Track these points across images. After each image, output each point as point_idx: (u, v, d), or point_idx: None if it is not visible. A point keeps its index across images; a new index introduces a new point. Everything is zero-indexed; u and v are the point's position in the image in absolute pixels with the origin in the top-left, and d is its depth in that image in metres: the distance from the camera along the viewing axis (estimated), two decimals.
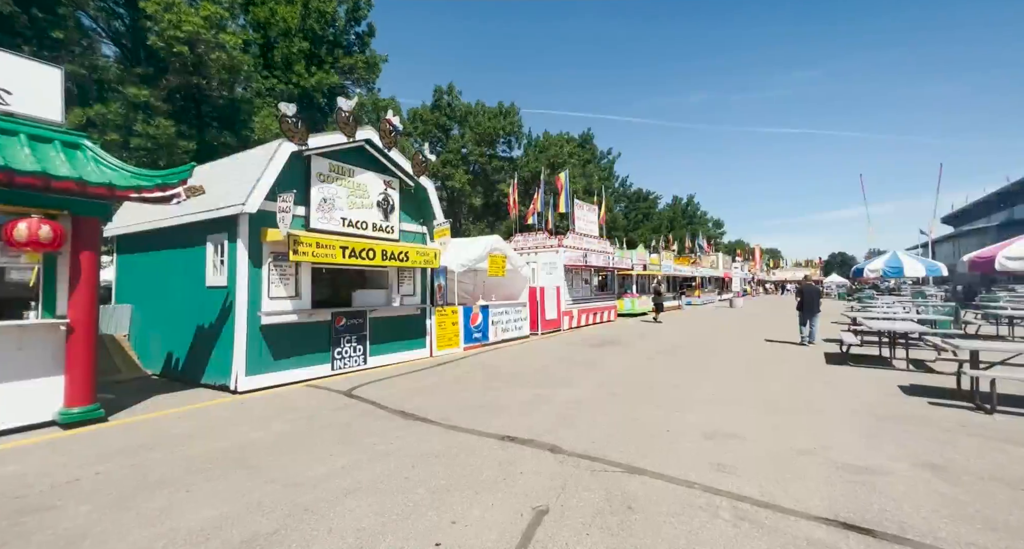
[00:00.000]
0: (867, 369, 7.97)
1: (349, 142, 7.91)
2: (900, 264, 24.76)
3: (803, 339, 11.21)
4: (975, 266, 17.26)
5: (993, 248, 16.99)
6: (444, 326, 10.17)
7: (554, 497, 3.24)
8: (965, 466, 3.70)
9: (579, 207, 17.69)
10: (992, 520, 2.85)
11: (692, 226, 55.23)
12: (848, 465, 3.73)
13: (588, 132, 45.11)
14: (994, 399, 5.20)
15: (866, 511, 2.97)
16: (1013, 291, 22.42)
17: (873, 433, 4.54)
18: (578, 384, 6.98)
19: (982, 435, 4.44)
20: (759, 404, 5.69)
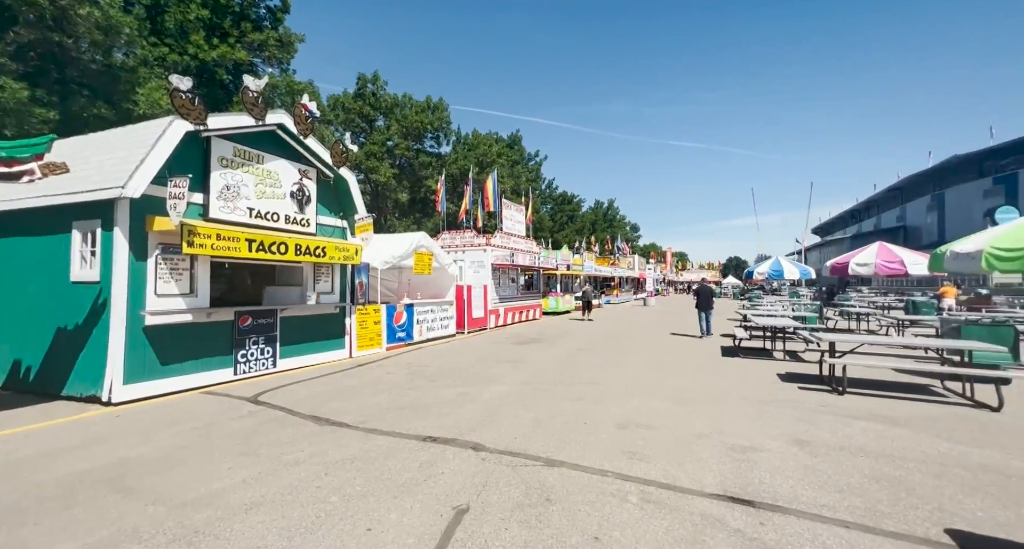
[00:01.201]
0: (754, 360, 9.06)
1: (258, 125, 7.23)
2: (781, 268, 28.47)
3: (702, 333, 12.65)
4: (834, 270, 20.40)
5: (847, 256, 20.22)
6: (365, 325, 9.72)
7: (475, 495, 3.24)
8: (823, 440, 4.36)
9: (507, 207, 17.93)
10: (839, 483, 3.40)
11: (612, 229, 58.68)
12: (736, 446, 4.22)
13: (517, 133, 45.83)
14: (844, 382, 6.21)
15: (748, 484, 3.38)
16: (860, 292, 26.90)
17: (756, 416, 5.17)
18: (503, 381, 7.06)
19: (835, 413, 5.27)
20: (667, 395, 6.21)
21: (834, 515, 2.93)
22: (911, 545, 2.59)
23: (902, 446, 4.19)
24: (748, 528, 2.77)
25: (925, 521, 2.85)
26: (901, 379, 7.02)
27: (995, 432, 4.59)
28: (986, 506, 3.05)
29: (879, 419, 5.03)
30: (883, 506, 3.04)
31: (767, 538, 2.66)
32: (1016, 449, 4.11)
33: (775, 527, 2.78)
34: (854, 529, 2.75)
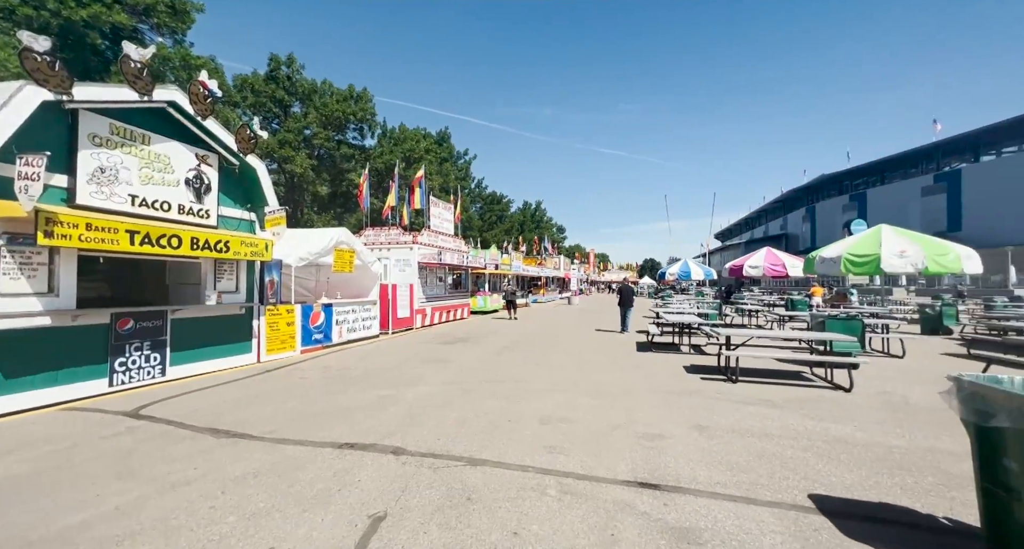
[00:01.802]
0: (664, 354, 9.85)
1: (143, 101, 6.32)
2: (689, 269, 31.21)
3: (623, 328, 13.76)
4: (732, 272, 22.82)
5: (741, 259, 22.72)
6: (277, 327, 8.95)
7: (393, 501, 3.13)
8: (719, 424, 4.86)
9: (435, 205, 17.60)
10: (730, 463, 3.81)
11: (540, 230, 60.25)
12: (646, 434, 4.54)
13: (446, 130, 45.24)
14: (737, 372, 6.99)
15: (655, 469, 3.65)
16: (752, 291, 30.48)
17: (664, 406, 5.62)
18: (428, 382, 6.92)
19: (730, 400, 5.91)
20: (587, 389, 6.51)
21: (725, 491, 3.27)
22: (782, 511, 2.98)
23: (780, 426, 4.81)
24: (654, 510, 3.00)
25: (793, 489, 3.29)
26: (781, 367, 8.05)
27: (847, 409, 5.44)
28: (838, 472, 3.60)
29: (763, 403, 5.72)
30: (763, 479, 3.47)
31: (669, 518, 2.90)
32: (861, 423, 4.91)
33: (676, 507, 3.04)
34: (740, 502, 3.10)
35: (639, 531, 2.74)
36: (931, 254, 13.28)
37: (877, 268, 13.63)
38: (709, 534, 2.70)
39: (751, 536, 2.68)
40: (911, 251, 13.32)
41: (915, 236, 14.28)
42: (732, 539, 2.65)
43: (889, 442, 4.30)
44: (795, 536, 2.68)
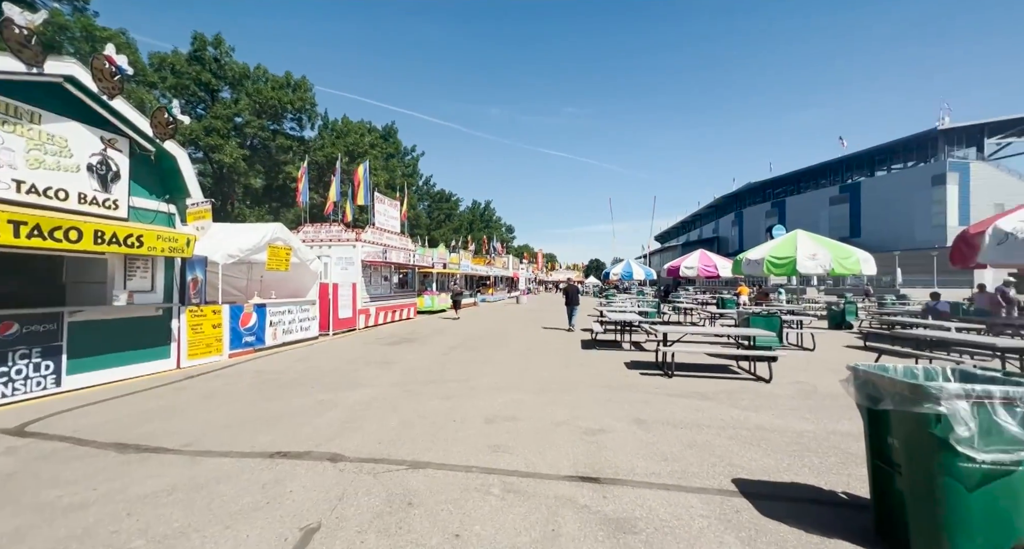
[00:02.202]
0: (607, 351, 10.21)
1: (32, 74, 5.54)
2: (631, 270, 32.58)
3: (570, 327, 14.24)
4: (670, 272, 24.09)
5: (678, 260, 24.06)
6: (200, 330, 8.22)
7: (329, 510, 2.97)
8: (655, 417, 5.12)
9: (380, 201, 17.02)
10: (665, 453, 4.02)
11: (489, 229, 60.30)
12: (589, 429, 4.68)
13: (392, 125, 43.97)
14: (672, 366, 7.40)
15: (596, 463, 3.77)
16: (688, 290, 32.49)
17: (606, 401, 5.82)
18: (370, 384, 6.67)
19: (666, 393, 6.24)
20: (532, 387, 6.58)
21: (659, 480, 3.44)
22: (709, 496, 3.18)
23: (709, 416, 5.15)
24: (593, 503, 3.08)
25: (720, 475, 3.54)
26: (711, 361, 8.63)
27: (767, 398, 5.95)
28: (758, 457, 3.92)
29: (695, 396, 6.10)
30: (694, 467, 3.69)
31: (607, 509, 3.00)
32: (778, 411, 5.38)
33: (614, 498, 3.15)
34: (672, 490, 3.27)
35: (579, 525, 2.81)
36: (837, 257, 14.86)
37: (794, 269, 15.02)
38: (644, 523, 2.82)
39: (681, 521, 2.83)
40: (821, 254, 14.81)
41: (824, 241, 15.91)
42: (664, 526, 2.79)
43: (801, 427, 4.74)
44: (720, 519, 2.87)
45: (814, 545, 2.58)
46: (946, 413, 2.27)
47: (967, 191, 35.62)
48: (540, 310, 25.40)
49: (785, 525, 2.79)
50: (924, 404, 2.33)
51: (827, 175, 49.67)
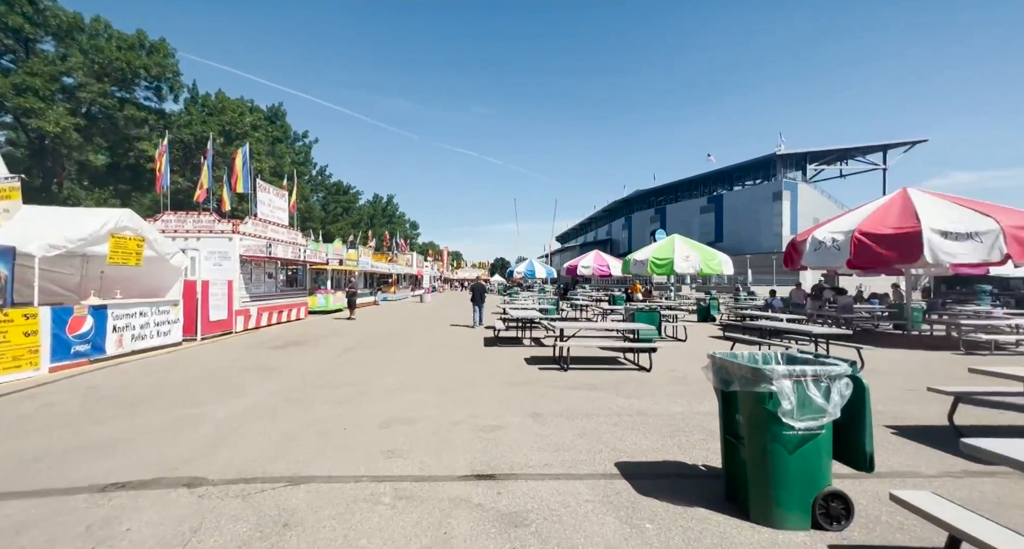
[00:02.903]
0: (509, 347, 10.43)
1: None
2: (534, 268, 33.74)
3: (475, 324, 14.44)
4: (568, 271, 25.45)
5: (576, 260, 25.53)
6: (6, 339, 6.52)
7: (179, 546, 2.54)
8: (551, 410, 5.35)
9: (264, 190, 15.24)
10: (558, 444, 4.22)
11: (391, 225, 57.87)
12: (486, 426, 4.71)
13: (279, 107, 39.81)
14: (568, 361, 7.84)
15: (492, 460, 3.80)
16: (584, 288, 34.82)
17: (505, 397, 5.93)
18: (247, 394, 5.92)
19: (561, 387, 6.57)
20: (432, 387, 6.44)
21: (551, 471, 3.59)
22: (595, 481, 3.41)
23: (599, 406, 5.54)
24: (487, 500, 3.10)
25: (605, 460, 3.82)
26: (603, 354, 9.32)
27: (648, 386, 6.60)
28: (638, 440, 4.32)
29: (587, 387, 6.52)
30: (583, 456, 3.92)
31: (501, 505, 3.03)
32: (656, 397, 6.00)
33: (508, 493, 3.20)
34: (563, 479, 3.44)
35: (472, 524, 2.79)
36: (705, 259, 17.09)
37: (671, 269, 16.92)
38: (535, 514, 2.91)
39: (569, 509, 2.99)
40: (692, 256, 16.90)
41: (695, 244, 18.20)
42: (554, 514, 2.91)
43: (673, 410, 5.34)
44: (603, 501, 3.09)
45: (678, 514, 2.91)
46: (776, 391, 2.71)
47: (796, 206, 43.73)
48: (445, 308, 25.12)
49: (657, 500, 3.10)
50: (761, 384, 2.75)
51: (698, 187, 57.08)
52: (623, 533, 2.69)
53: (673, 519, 2.85)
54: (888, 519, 2.82)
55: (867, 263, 10.58)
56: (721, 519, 2.84)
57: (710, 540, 2.62)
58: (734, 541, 2.61)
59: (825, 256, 11.16)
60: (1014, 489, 3.27)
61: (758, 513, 2.79)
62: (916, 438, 4.36)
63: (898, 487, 3.10)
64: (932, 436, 4.37)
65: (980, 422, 4.83)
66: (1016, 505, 3.05)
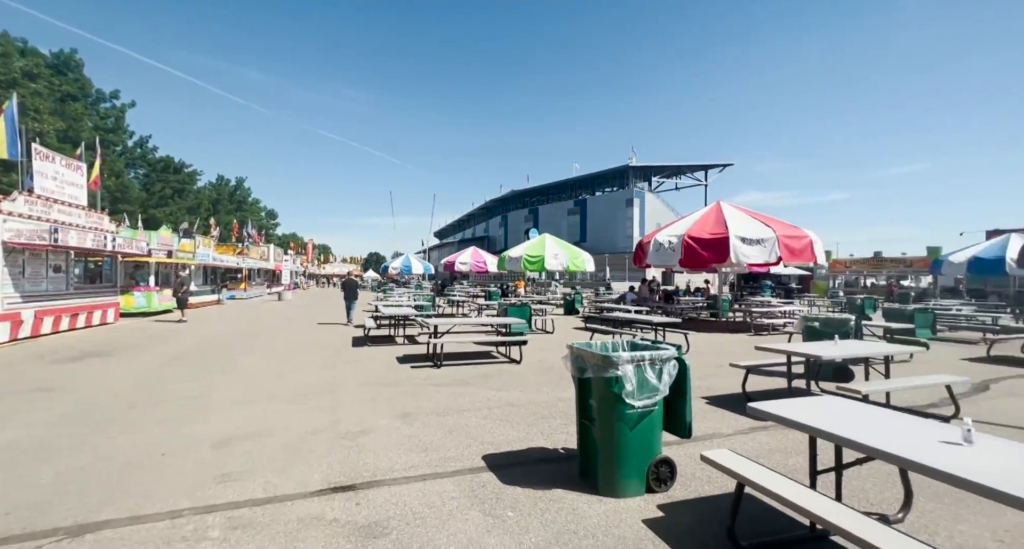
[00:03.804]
0: (380, 347, 9.89)
1: None
2: (410, 264, 32.69)
3: (348, 321, 13.80)
4: (446, 267, 25.29)
5: (453, 256, 25.49)
6: None
7: None
8: (422, 409, 5.21)
9: (45, 158, 11.72)
10: (427, 443, 4.12)
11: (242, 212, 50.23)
12: (349, 433, 4.36)
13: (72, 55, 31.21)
14: (441, 357, 7.75)
15: (353, 469, 3.52)
16: (463, 285, 35.06)
17: (373, 400, 5.58)
18: (14, 424, 4.46)
19: (434, 384, 6.46)
20: (287, 395, 5.72)
21: (418, 473, 3.47)
22: (461, 477, 3.41)
23: (471, 400, 5.58)
24: (344, 514, 2.85)
25: (473, 455, 3.85)
26: (477, 349, 9.47)
27: (518, 377, 6.90)
28: (506, 431, 4.47)
29: (460, 383, 6.53)
30: (451, 453, 3.89)
31: (359, 517, 2.82)
32: (525, 387, 6.30)
33: (368, 503, 2.99)
34: (429, 479, 3.36)
35: (323, 544, 2.53)
36: (571, 257, 18.60)
37: (542, 266, 18.02)
38: (397, 521, 2.77)
39: (434, 509, 2.92)
40: (561, 255, 18.25)
41: (563, 244, 19.69)
42: (417, 518, 2.81)
43: (539, 399, 5.66)
44: (468, 496, 3.10)
45: (538, 498, 3.07)
46: (621, 375, 3.04)
47: (644, 212, 50.73)
48: (309, 306, 22.79)
49: (519, 487, 3.22)
50: (610, 370, 3.06)
51: (567, 190, 62.14)
52: (485, 525, 2.73)
53: (533, 503, 2.99)
54: (700, 475, 3.40)
55: (693, 263, 12.74)
56: (575, 496, 3.08)
57: (564, 517, 2.82)
58: (584, 514, 2.85)
59: (664, 256, 13.11)
60: (778, 437, 4.26)
61: (605, 486, 3.10)
62: (721, 405, 5.38)
63: (708, 448, 3.77)
64: (732, 402, 5.44)
65: (763, 387, 6.19)
66: (779, 450, 3.97)
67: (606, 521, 2.77)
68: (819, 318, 7.45)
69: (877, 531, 1.90)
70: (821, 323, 7.19)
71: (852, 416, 2.46)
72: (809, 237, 12.11)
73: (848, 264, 37.07)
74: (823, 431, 2.20)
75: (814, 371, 5.76)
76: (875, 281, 35.68)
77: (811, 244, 12.02)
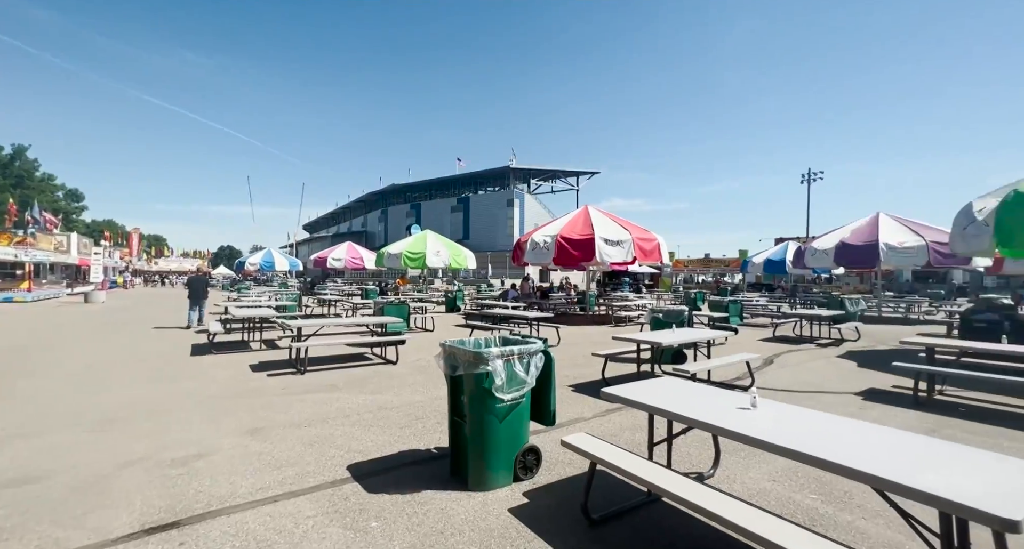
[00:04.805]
0: (229, 354, 8.55)
1: None
2: (273, 259, 29.17)
3: (190, 323, 12.21)
4: (317, 263, 23.19)
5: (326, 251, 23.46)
6: None
7: None
8: (278, 421, 4.63)
9: None
10: (281, 460, 3.67)
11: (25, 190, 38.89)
12: (178, 459, 3.65)
13: None
14: (306, 362, 7.03)
15: (179, 502, 2.95)
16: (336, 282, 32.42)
17: (214, 416, 4.78)
18: None
19: (294, 393, 5.81)
20: (90, 421, 4.56)
21: (267, 494, 3.07)
22: (321, 492, 3.11)
23: (339, 407, 5.15)
24: None
25: (336, 466, 3.55)
26: (350, 351, 8.81)
27: (393, 379, 6.60)
28: (375, 436, 4.23)
29: (327, 389, 5.99)
30: (311, 467, 3.53)
31: None
32: (400, 389, 6.06)
33: (199, 540, 2.53)
34: (281, 500, 2.99)
35: None
36: (453, 254, 18.55)
37: (424, 263, 17.64)
38: None
39: (284, 534, 2.60)
40: (443, 252, 18.08)
41: (446, 241, 19.55)
42: (262, 545, 2.47)
43: (415, 400, 5.50)
44: (328, 512, 2.84)
45: (406, 502, 2.96)
46: (491, 370, 3.10)
47: (523, 212, 53.24)
48: (132, 309, 18.70)
49: (387, 494, 3.07)
50: (480, 366, 3.09)
51: (450, 187, 61.85)
52: (346, 540, 2.53)
53: (400, 509, 2.88)
54: (563, 459, 3.67)
55: (565, 261, 13.77)
56: (444, 496, 3.05)
57: (432, 519, 2.77)
58: (452, 513, 2.84)
59: (540, 255, 13.90)
60: (629, 417, 4.83)
61: (475, 481, 3.14)
62: (584, 392, 5.90)
63: (570, 432, 4.09)
64: (594, 388, 5.99)
65: (620, 372, 6.97)
66: (629, 427, 4.51)
67: (474, 516, 2.80)
68: (662, 310, 8.69)
69: (692, 488, 2.27)
70: (664, 314, 8.39)
71: (680, 393, 2.89)
72: (657, 240, 14.05)
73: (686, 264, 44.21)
74: (656, 408, 2.54)
75: (657, 356, 6.69)
76: (705, 278, 43.22)
77: (659, 246, 13.96)
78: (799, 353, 9.01)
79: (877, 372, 7.09)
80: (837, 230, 16.11)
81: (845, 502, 3.00)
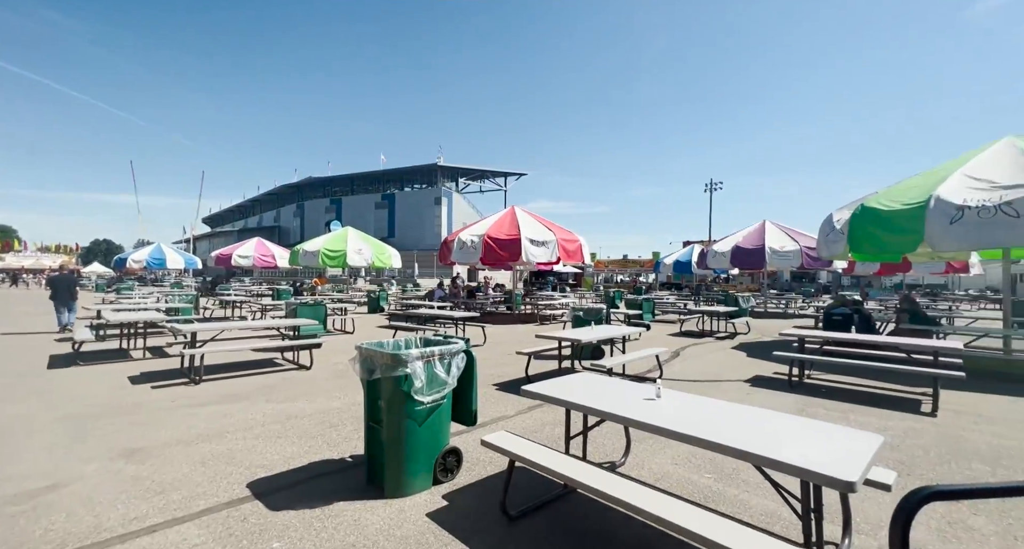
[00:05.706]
0: (102, 365, 7.36)
1: None
2: (163, 256, 25.78)
3: (61, 327, 10.82)
4: (219, 261, 20.93)
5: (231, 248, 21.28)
6: None
7: None
8: (160, 439, 4.06)
9: None
10: (160, 485, 3.21)
11: None
12: (23, 493, 3.04)
13: None
14: (201, 371, 6.27)
15: (22, 546, 2.46)
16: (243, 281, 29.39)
17: (79, 438, 4.07)
18: None
19: (184, 405, 5.14)
20: None
21: (144, 525, 2.67)
22: (213, 515, 2.78)
23: (240, 419, 4.66)
24: None
25: (234, 485, 3.20)
26: (256, 357, 8.03)
27: (306, 385, 6.13)
28: (283, 448, 3.89)
29: (226, 399, 5.39)
30: (202, 488, 3.14)
31: None
32: (314, 395, 5.65)
33: None
34: (160, 529, 2.61)
35: None
36: (377, 252, 17.76)
37: (344, 262, 16.66)
38: None
39: None
40: (365, 250, 17.23)
41: (369, 238, 18.65)
42: None
43: (331, 406, 5.15)
44: (221, 537, 2.54)
45: (315, 517, 2.76)
46: (410, 372, 2.99)
47: (451, 212, 52.67)
48: None
49: (293, 510, 2.83)
50: (399, 368, 2.97)
51: (374, 183, 59.22)
52: None
53: (308, 525, 2.67)
54: (484, 458, 3.66)
55: (492, 261, 13.84)
56: (358, 506, 2.89)
57: (343, 532, 2.60)
58: (366, 523, 2.69)
59: (467, 254, 13.81)
60: (550, 412, 4.97)
61: (392, 488, 3.01)
62: (508, 390, 5.97)
63: (492, 431, 4.10)
64: (516, 386, 6.08)
65: (544, 369, 7.15)
66: (550, 423, 4.64)
67: (389, 524, 2.69)
68: (583, 308, 9.09)
69: (603, 478, 2.38)
70: (584, 312, 8.77)
71: (596, 387, 3.03)
72: (580, 241, 14.67)
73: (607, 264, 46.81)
74: (572, 403, 2.63)
75: (577, 352, 6.97)
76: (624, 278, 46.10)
77: (581, 247, 14.59)
78: (701, 346, 9.96)
79: (762, 361, 8.06)
80: (732, 235, 18.08)
81: (733, 478, 3.36)
